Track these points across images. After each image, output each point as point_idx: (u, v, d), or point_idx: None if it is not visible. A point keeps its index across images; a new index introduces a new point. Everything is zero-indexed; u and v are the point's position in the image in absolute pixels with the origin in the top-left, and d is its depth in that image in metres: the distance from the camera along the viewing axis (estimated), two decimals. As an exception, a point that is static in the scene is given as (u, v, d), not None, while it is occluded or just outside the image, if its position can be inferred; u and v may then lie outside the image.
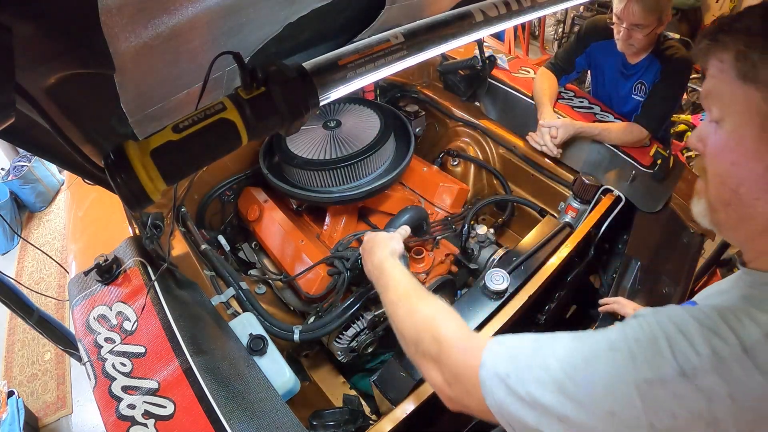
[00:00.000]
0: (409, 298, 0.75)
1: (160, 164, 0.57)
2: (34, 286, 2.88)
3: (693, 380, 0.43)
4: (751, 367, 0.42)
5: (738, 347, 0.43)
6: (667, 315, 0.48)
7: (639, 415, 0.44)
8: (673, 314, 0.48)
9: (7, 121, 0.45)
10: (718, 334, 0.44)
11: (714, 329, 0.45)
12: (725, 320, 0.45)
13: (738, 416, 0.42)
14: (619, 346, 0.47)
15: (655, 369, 0.44)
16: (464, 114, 1.79)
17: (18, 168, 3.34)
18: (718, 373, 0.42)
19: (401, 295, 0.76)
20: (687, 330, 0.45)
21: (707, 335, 0.44)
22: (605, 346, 0.48)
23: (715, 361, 0.43)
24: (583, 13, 3.86)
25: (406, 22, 0.80)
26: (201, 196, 1.55)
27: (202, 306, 1.10)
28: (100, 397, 0.90)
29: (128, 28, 0.52)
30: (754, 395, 0.41)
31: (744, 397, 0.42)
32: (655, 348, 0.45)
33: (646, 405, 0.44)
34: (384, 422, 0.90)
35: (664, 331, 0.46)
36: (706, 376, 0.42)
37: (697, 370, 0.43)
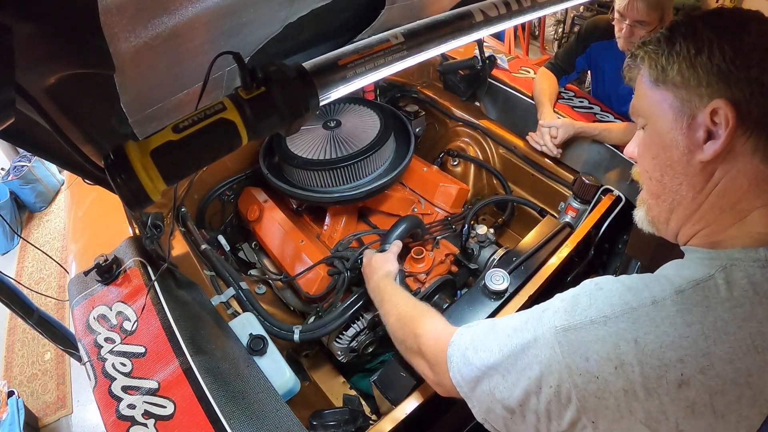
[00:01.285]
0: (397, 306, 0.88)
1: (160, 164, 0.57)
2: (34, 286, 2.88)
3: (603, 326, 0.49)
4: (657, 317, 0.48)
5: (648, 300, 0.49)
6: (596, 279, 0.56)
7: (559, 359, 0.50)
8: (602, 279, 0.55)
9: (7, 121, 0.45)
10: (633, 290, 0.51)
11: (632, 287, 0.51)
12: (644, 281, 0.52)
13: (642, 360, 0.47)
14: (549, 306, 0.56)
15: (571, 318, 0.51)
16: (464, 114, 1.79)
17: (18, 168, 3.34)
18: (626, 320, 0.48)
19: (392, 306, 0.89)
20: (608, 288, 0.53)
21: (623, 292, 0.51)
22: (540, 309, 0.57)
23: (627, 310, 0.49)
24: (583, 13, 3.86)
25: (406, 22, 0.80)
26: (201, 196, 1.55)
27: (202, 306, 1.10)
28: (100, 397, 0.89)
29: (128, 28, 0.52)
30: (658, 342, 0.47)
31: (647, 342, 0.47)
32: (576, 302, 0.53)
33: (562, 349, 0.50)
34: (384, 422, 0.90)
35: (588, 290, 0.54)
36: (616, 322, 0.49)
37: (607, 318, 0.49)
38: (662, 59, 0.54)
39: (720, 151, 0.51)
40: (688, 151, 0.54)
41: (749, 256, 0.49)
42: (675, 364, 0.46)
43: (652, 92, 0.56)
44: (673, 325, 0.47)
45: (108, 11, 0.47)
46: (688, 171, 0.55)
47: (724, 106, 0.50)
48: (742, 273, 0.49)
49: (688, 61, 0.52)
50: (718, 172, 0.53)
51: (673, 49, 0.53)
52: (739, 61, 0.49)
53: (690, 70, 0.52)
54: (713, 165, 0.53)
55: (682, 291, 0.49)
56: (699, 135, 0.52)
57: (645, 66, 0.57)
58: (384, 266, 1.07)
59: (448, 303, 1.25)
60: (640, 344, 0.47)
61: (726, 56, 0.50)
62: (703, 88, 0.51)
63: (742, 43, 0.50)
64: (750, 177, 0.52)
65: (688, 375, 0.46)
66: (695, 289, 0.48)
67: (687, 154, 0.54)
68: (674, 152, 0.55)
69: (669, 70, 0.53)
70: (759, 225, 0.52)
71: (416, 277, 1.29)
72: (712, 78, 0.50)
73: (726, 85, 0.50)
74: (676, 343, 0.46)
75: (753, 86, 0.49)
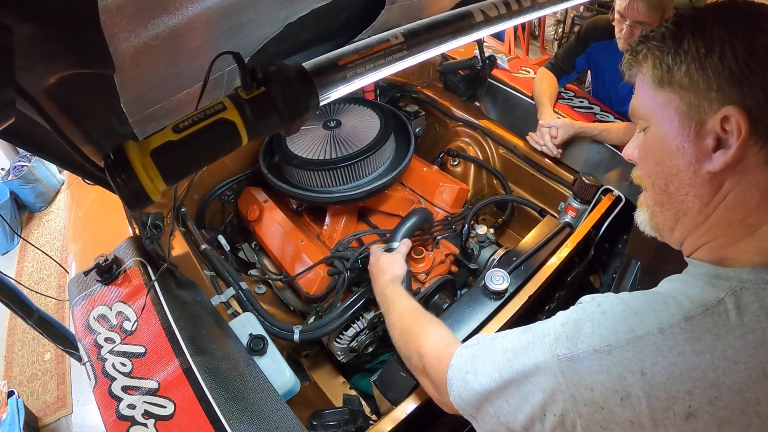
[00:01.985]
0: (401, 320, 0.85)
1: (160, 164, 0.57)
2: (34, 286, 2.88)
3: (607, 356, 0.46)
4: (664, 346, 0.45)
5: (655, 327, 0.46)
6: (599, 299, 0.53)
7: (563, 388, 0.48)
8: (604, 299, 0.52)
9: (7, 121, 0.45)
10: (638, 315, 0.48)
11: (637, 311, 0.48)
12: (651, 303, 0.49)
13: (649, 392, 0.44)
14: (550, 330, 0.53)
15: (573, 347, 0.49)
16: (464, 114, 1.79)
17: (18, 168, 3.34)
18: (632, 350, 0.46)
19: (396, 318, 0.87)
20: (612, 312, 0.49)
21: (628, 317, 0.48)
22: (540, 333, 0.54)
23: (633, 338, 0.46)
24: (583, 13, 3.86)
25: (406, 22, 0.80)
26: (201, 196, 1.55)
27: (202, 306, 1.10)
28: (100, 397, 0.89)
29: (128, 28, 0.52)
30: (666, 373, 0.44)
31: (655, 373, 0.44)
32: (578, 327, 0.50)
33: (566, 379, 0.48)
34: (384, 422, 0.90)
35: (590, 313, 0.51)
36: (622, 352, 0.46)
37: (612, 347, 0.47)
38: (668, 58, 0.49)
39: (730, 161, 0.47)
40: (695, 160, 0.50)
41: (760, 278, 0.46)
42: (683, 396, 0.44)
43: (656, 93, 0.52)
44: (682, 355, 0.44)
45: (108, 11, 0.47)
46: (695, 181, 0.51)
47: (736, 113, 0.45)
48: (753, 297, 0.45)
49: (698, 62, 0.47)
50: (728, 183, 0.49)
51: (681, 48, 0.48)
52: (754, 63, 0.45)
53: (699, 72, 0.47)
54: (722, 176, 0.49)
55: (691, 318, 0.46)
56: (708, 143, 0.48)
57: (648, 64, 0.52)
58: (392, 269, 1.04)
59: (448, 303, 1.25)
60: (647, 376, 0.45)
61: (739, 58, 0.45)
62: (713, 93, 0.47)
63: (757, 42, 0.45)
64: (762, 189, 0.48)
65: (696, 407, 0.44)
66: (704, 315, 0.45)
67: (694, 164, 0.50)
68: (680, 160, 0.51)
69: (676, 70, 0.49)
70: None
71: (416, 277, 1.29)
72: (724, 81, 0.46)
73: (738, 89, 0.45)
74: (684, 375, 0.44)
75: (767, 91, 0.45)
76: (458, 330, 1.02)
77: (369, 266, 1.12)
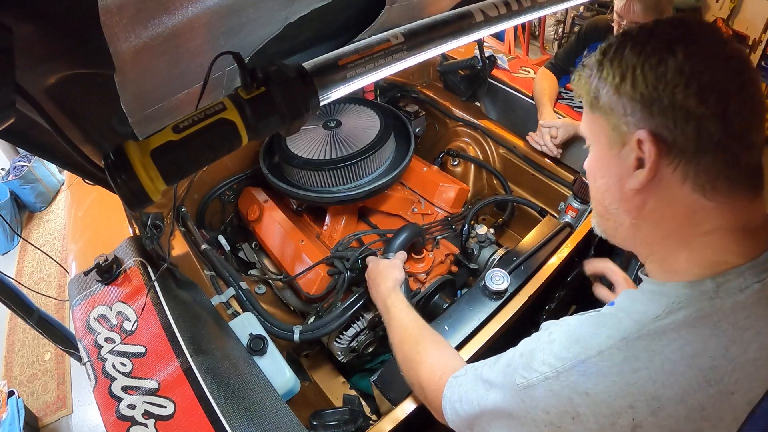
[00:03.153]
0: (403, 344, 0.87)
1: (160, 164, 0.57)
2: (34, 286, 2.88)
3: (555, 381, 0.51)
4: (604, 367, 0.49)
5: (595, 351, 0.50)
6: (551, 328, 0.57)
7: (525, 413, 0.54)
8: (555, 327, 0.57)
9: (7, 121, 0.45)
10: (580, 341, 0.52)
11: (579, 337, 0.53)
12: (593, 327, 0.53)
13: (595, 410, 0.49)
14: (512, 361, 0.59)
15: (528, 375, 0.54)
16: (464, 114, 1.79)
17: (18, 168, 3.34)
18: (576, 373, 0.50)
19: (399, 341, 0.89)
20: (559, 340, 0.54)
21: (572, 342, 0.53)
22: (505, 363, 0.59)
23: (576, 363, 0.51)
24: (583, 13, 3.86)
25: (406, 22, 0.80)
26: (201, 196, 1.55)
27: (202, 306, 1.10)
28: (100, 397, 0.89)
29: (128, 28, 0.52)
30: (607, 392, 0.48)
31: (597, 392, 0.48)
32: (532, 357, 0.55)
33: (526, 405, 0.53)
34: (384, 422, 0.90)
35: (542, 343, 0.56)
36: (568, 376, 0.51)
37: (559, 373, 0.51)
38: (595, 85, 0.53)
39: (646, 181, 0.50)
40: (619, 178, 0.53)
41: (696, 291, 0.49)
42: (626, 410, 0.47)
43: (590, 117, 0.55)
44: (621, 373, 0.48)
45: (108, 11, 0.47)
46: (623, 198, 0.54)
47: (646, 136, 0.48)
48: (689, 311, 0.48)
49: (614, 88, 0.50)
50: (651, 200, 0.52)
51: (602, 75, 0.52)
52: (662, 86, 0.47)
53: (616, 98, 0.50)
54: (645, 193, 0.52)
55: (627, 338, 0.49)
56: (630, 162, 0.51)
57: (583, 90, 0.55)
58: (392, 273, 1.06)
59: (448, 303, 1.25)
60: (590, 396, 0.49)
61: (648, 84, 0.47)
62: (629, 117, 0.49)
63: (667, 67, 0.47)
64: (685, 205, 0.50)
65: (639, 419, 0.47)
66: (640, 334, 0.49)
67: (619, 181, 0.53)
68: (610, 178, 0.55)
69: (601, 96, 0.52)
70: (708, 252, 0.50)
71: (416, 277, 1.29)
72: (636, 106, 0.49)
73: (649, 113, 0.48)
74: (624, 391, 0.47)
75: (677, 113, 0.46)
76: (458, 330, 1.03)
77: (367, 273, 1.12)
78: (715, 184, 0.48)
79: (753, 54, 3.19)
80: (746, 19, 3.18)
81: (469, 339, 1.01)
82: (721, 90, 0.46)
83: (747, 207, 0.50)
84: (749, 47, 3.19)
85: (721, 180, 0.48)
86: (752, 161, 0.48)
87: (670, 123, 0.47)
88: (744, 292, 0.47)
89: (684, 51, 0.46)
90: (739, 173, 0.48)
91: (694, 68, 0.46)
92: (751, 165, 0.48)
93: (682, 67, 0.46)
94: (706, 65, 0.46)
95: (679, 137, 0.47)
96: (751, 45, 3.17)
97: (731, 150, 0.47)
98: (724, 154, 0.47)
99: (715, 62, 0.46)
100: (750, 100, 0.47)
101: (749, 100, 0.47)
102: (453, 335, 1.02)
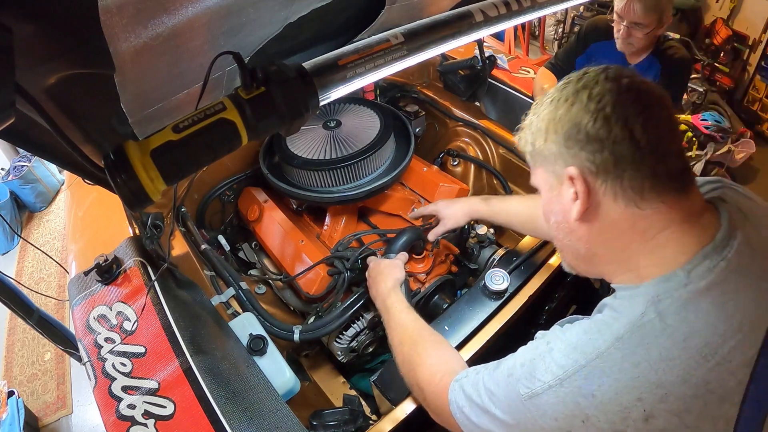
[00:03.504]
0: (402, 345, 0.88)
1: (160, 164, 0.57)
2: (34, 286, 2.88)
3: (560, 388, 0.54)
4: (606, 368, 0.52)
5: (594, 354, 0.53)
6: (548, 337, 0.61)
7: (533, 421, 0.56)
8: (551, 336, 0.60)
9: (7, 121, 0.45)
10: (578, 348, 0.55)
11: (577, 345, 0.55)
12: (587, 333, 0.56)
13: (604, 409, 0.51)
14: (513, 371, 0.60)
15: (532, 385, 0.56)
16: (464, 114, 1.79)
17: (18, 168, 3.34)
18: (579, 378, 0.53)
19: (398, 342, 0.89)
20: (558, 348, 0.57)
21: (570, 351, 0.55)
22: (506, 372, 0.62)
23: (578, 368, 0.53)
24: (583, 13, 3.86)
25: (406, 22, 0.80)
26: (201, 196, 1.55)
27: (202, 306, 1.10)
28: (100, 397, 0.90)
29: (128, 28, 0.52)
30: (613, 390, 0.51)
31: (604, 392, 0.51)
32: (534, 367, 0.58)
33: (532, 414, 0.56)
34: (384, 422, 0.90)
35: (541, 352, 0.59)
36: (571, 382, 0.53)
37: (562, 380, 0.54)
38: (529, 141, 0.63)
39: (583, 209, 0.57)
40: (564, 213, 0.61)
41: (670, 281, 0.53)
42: (635, 404, 0.50)
43: (533, 169, 0.65)
44: (622, 370, 0.51)
45: (108, 11, 0.47)
46: (571, 228, 0.61)
47: (574, 171, 0.56)
48: (669, 300, 0.52)
49: (543, 140, 0.60)
50: (595, 224, 0.59)
51: (530, 131, 0.62)
52: (576, 126, 0.56)
53: (546, 146, 0.60)
54: (587, 219, 0.59)
55: (621, 337, 0.52)
56: (568, 197, 0.59)
57: (524, 149, 0.65)
58: (393, 273, 1.06)
59: (448, 303, 1.25)
60: (597, 396, 0.51)
61: (566, 126, 0.57)
62: (559, 160, 0.59)
63: (577, 110, 0.56)
64: (625, 220, 0.57)
65: (650, 409, 0.50)
66: (632, 331, 0.52)
67: (565, 215, 0.61)
68: (558, 215, 0.63)
69: (536, 148, 0.62)
70: (666, 250, 0.56)
71: (416, 277, 1.29)
72: (562, 149, 0.58)
73: (573, 152, 0.57)
74: (629, 386, 0.50)
75: (593, 145, 0.55)
76: (458, 330, 1.03)
77: (368, 272, 1.12)
78: (643, 195, 0.55)
79: (753, 54, 3.19)
80: (746, 19, 3.18)
81: (469, 339, 1.01)
82: (623, 117, 0.54)
83: (682, 203, 0.56)
84: (749, 47, 3.19)
85: (647, 190, 0.55)
86: (672, 167, 0.55)
87: (590, 155, 0.55)
88: (713, 271, 0.53)
89: (588, 93, 0.56)
90: (662, 180, 0.55)
91: (597, 106, 0.55)
92: (671, 171, 0.55)
93: (588, 107, 0.55)
94: (607, 101, 0.55)
95: (600, 164, 0.55)
96: (751, 45, 3.17)
97: (646, 163, 0.54)
98: (641, 169, 0.54)
99: (615, 96, 0.55)
100: (653, 120, 0.54)
101: (652, 120, 0.54)
102: (453, 335, 1.02)
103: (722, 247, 0.54)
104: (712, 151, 2.82)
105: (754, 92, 3.26)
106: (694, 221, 0.56)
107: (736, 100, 3.38)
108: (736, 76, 3.33)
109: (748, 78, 3.29)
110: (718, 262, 0.53)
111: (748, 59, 3.25)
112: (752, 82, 3.25)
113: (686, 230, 0.56)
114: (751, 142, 2.89)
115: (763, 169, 3.06)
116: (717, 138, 2.83)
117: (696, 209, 0.57)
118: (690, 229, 0.56)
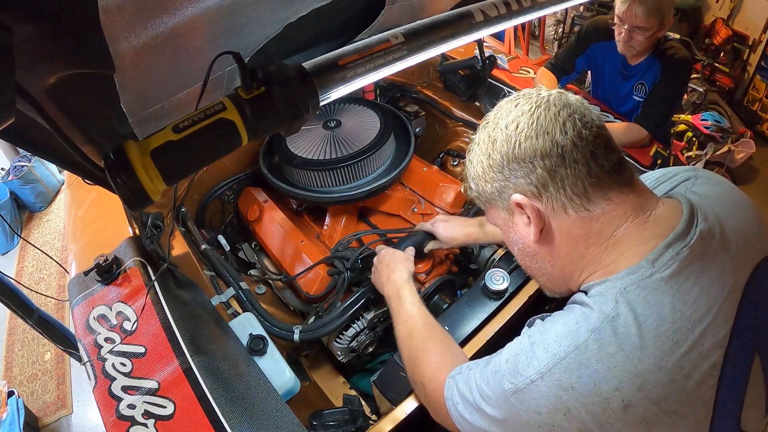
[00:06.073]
0: (411, 339, 0.88)
1: (160, 164, 0.57)
2: (34, 286, 2.88)
3: (541, 382, 0.54)
4: (583, 360, 0.53)
5: (571, 347, 0.54)
6: (529, 332, 0.62)
7: (518, 416, 0.57)
8: (533, 330, 0.61)
9: (7, 121, 0.45)
10: (557, 341, 0.55)
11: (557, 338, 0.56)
12: (565, 326, 0.57)
13: (584, 401, 0.52)
14: (498, 367, 0.61)
15: (515, 380, 0.57)
16: (464, 114, 1.79)
17: (18, 168, 3.34)
18: (559, 371, 0.54)
19: (406, 335, 0.90)
20: (539, 342, 0.58)
21: (550, 344, 0.56)
22: (493, 369, 0.62)
23: (557, 361, 0.54)
24: (583, 13, 3.86)
25: (406, 22, 0.80)
26: (201, 196, 1.55)
27: (202, 306, 1.10)
28: (100, 397, 0.90)
29: (128, 28, 0.52)
30: (592, 381, 0.52)
31: (583, 384, 0.52)
32: (516, 362, 0.59)
33: (517, 408, 0.57)
34: (384, 422, 0.90)
35: (524, 347, 0.59)
36: (551, 375, 0.54)
37: (543, 374, 0.54)
38: (473, 187, 0.68)
39: (538, 231, 0.61)
40: (523, 238, 0.65)
41: (636, 273, 0.55)
42: (613, 394, 0.51)
43: (487, 211, 0.70)
44: (600, 361, 0.52)
45: (108, 11, 0.47)
46: (535, 251, 0.65)
47: (519, 197, 0.60)
48: (637, 291, 0.54)
49: (484, 180, 0.64)
50: (554, 239, 0.62)
51: (472, 176, 0.67)
52: (506, 157, 0.60)
53: (489, 186, 0.64)
54: (546, 238, 0.62)
55: (597, 329, 0.53)
56: (522, 225, 0.63)
57: (472, 195, 0.70)
58: (407, 264, 1.07)
59: (448, 303, 1.25)
60: (576, 389, 0.52)
61: (498, 160, 0.61)
62: (503, 193, 0.63)
63: (501, 142, 0.60)
64: (579, 227, 0.59)
65: (629, 398, 0.50)
66: (606, 323, 0.53)
67: (524, 240, 0.65)
68: (518, 242, 0.67)
69: (481, 191, 0.66)
70: (626, 245, 0.58)
71: (416, 277, 1.29)
72: (502, 182, 0.62)
73: (512, 181, 0.61)
74: (607, 376, 0.51)
75: (525, 167, 0.59)
76: (458, 330, 1.03)
77: (379, 258, 1.11)
78: (588, 196, 0.58)
79: (753, 54, 3.19)
80: (746, 19, 3.18)
81: (469, 339, 1.01)
82: (542, 129, 0.57)
83: (627, 196, 0.58)
84: (749, 47, 3.19)
85: (589, 190, 0.57)
86: (604, 161, 0.57)
87: (526, 177, 0.59)
88: (676, 259, 0.54)
89: (504, 124, 0.61)
90: (600, 175, 0.57)
91: (516, 131, 0.59)
92: (605, 166, 0.57)
93: (508, 136, 0.60)
94: (523, 123, 0.59)
95: (539, 182, 0.58)
96: (751, 45, 3.17)
97: (579, 162, 0.57)
98: (577, 169, 0.57)
99: (528, 117, 0.59)
100: (569, 121, 0.57)
101: (569, 122, 0.57)
102: (453, 335, 1.01)
103: (684, 235, 0.56)
104: (712, 151, 2.82)
105: (754, 92, 3.26)
106: (648, 213, 0.58)
107: (736, 100, 3.38)
108: (736, 76, 3.33)
109: (748, 78, 3.29)
110: (681, 249, 0.55)
111: (748, 59, 3.25)
112: (752, 82, 3.25)
113: (642, 223, 0.58)
114: (751, 142, 2.89)
115: (763, 169, 3.06)
116: (717, 138, 2.83)
117: (646, 202, 0.59)
118: (646, 221, 0.58)
